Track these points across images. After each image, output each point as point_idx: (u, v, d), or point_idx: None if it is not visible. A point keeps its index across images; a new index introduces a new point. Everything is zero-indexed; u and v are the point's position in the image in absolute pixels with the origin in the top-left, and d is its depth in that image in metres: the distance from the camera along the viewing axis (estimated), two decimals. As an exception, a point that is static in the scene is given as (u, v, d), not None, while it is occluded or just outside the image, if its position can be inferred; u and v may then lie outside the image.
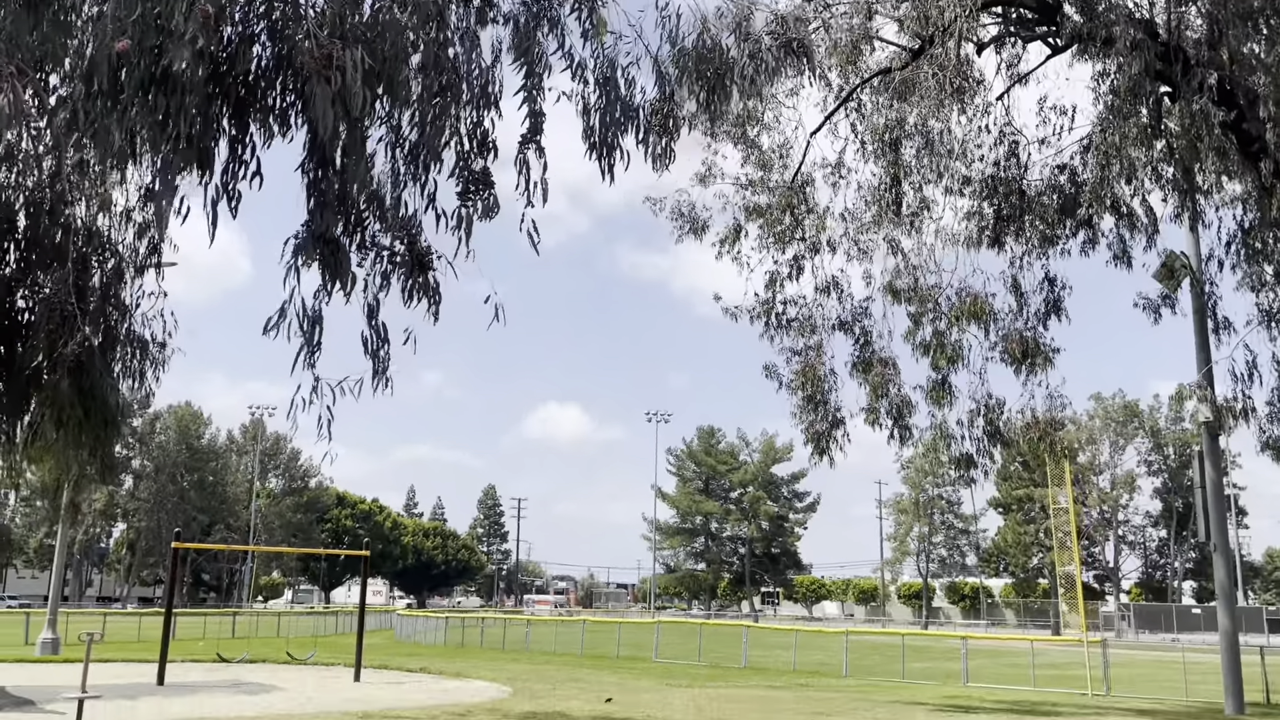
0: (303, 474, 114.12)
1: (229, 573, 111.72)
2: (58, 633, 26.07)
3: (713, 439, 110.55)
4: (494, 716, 13.69)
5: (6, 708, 14.06)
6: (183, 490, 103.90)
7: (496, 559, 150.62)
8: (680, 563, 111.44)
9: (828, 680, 24.07)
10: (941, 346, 15.95)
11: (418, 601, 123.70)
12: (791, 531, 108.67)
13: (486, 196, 4.33)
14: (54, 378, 4.99)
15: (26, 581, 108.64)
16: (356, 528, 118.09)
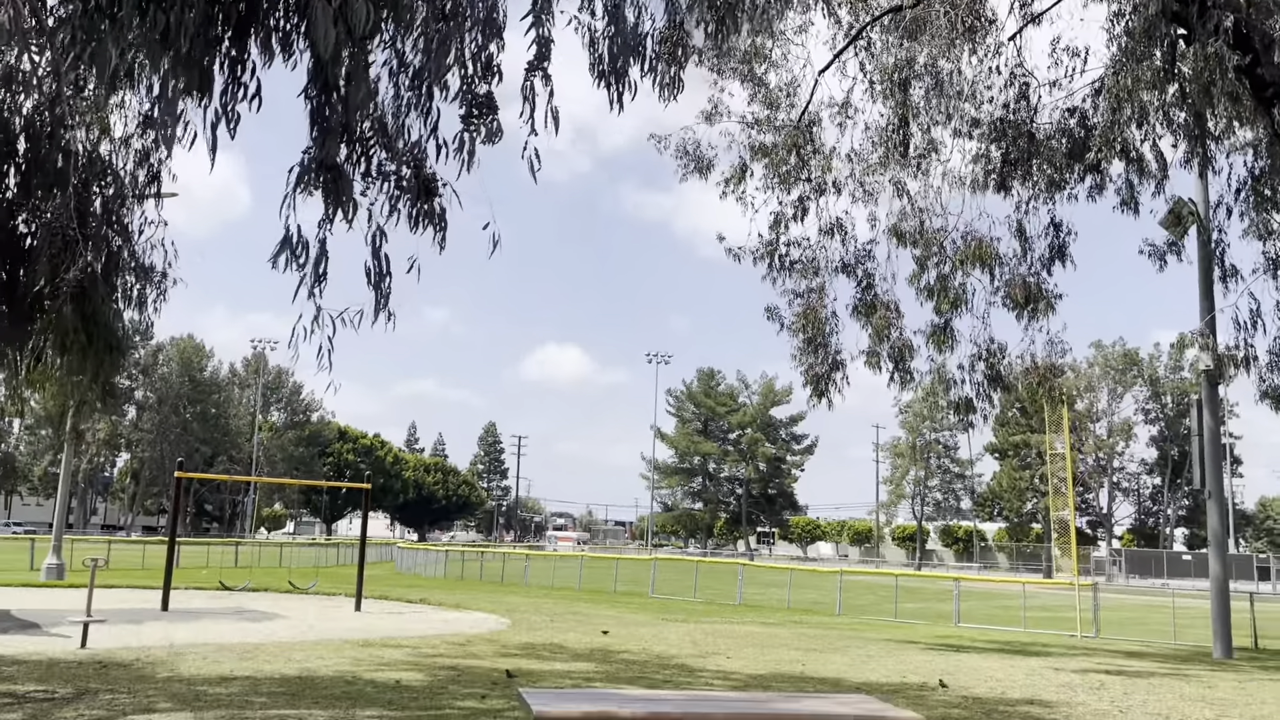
0: (305, 408, 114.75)
1: (232, 504, 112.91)
2: (62, 559, 26.41)
3: (712, 381, 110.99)
4: (493, 647, 13.92)
5: (12, 630, 14.30)
6: (185, 422, 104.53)
7: (496, 495, 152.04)
8: (678, 502, 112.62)
9: (821, 618, 24.44)
10: (945, 290, 15.91)
11: (418, 535, 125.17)
12: (788, 473, 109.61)
13: (490, 121, 4.28)
14: (56, 303, 4.99)
15: (31, 509, 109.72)
16: (358, 462, 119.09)
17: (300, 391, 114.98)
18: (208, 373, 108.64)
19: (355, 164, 4.31)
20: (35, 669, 10.35)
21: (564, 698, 4.84)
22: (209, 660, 11.44)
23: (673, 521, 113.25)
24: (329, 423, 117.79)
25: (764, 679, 11.82)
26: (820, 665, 13.52)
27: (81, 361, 5.39)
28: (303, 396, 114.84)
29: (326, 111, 3.99)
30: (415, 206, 4.34)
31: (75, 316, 4.98)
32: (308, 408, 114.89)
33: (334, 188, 4.05)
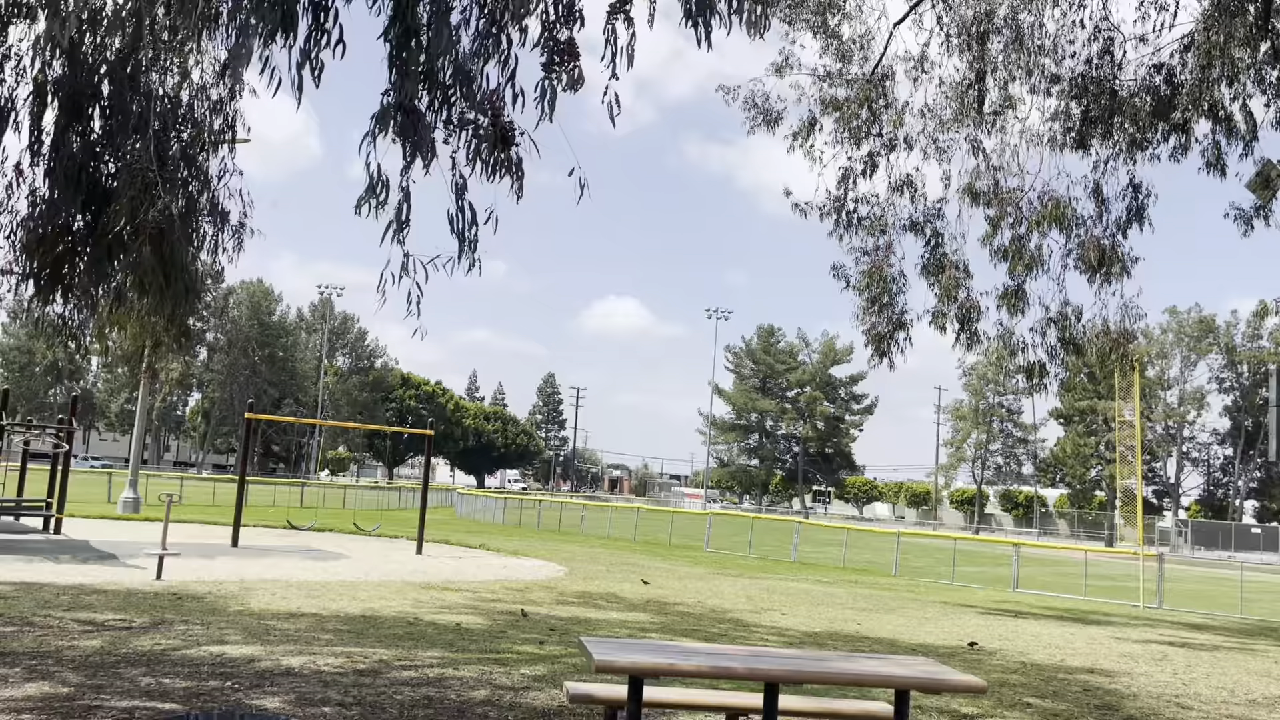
0: (369, 354, 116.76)
1: (298, 445, 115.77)
2: (138, 493, 27.34)
3: (772, 338, 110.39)
4: (550, 593, 14.14)
5: (91, 560, 14.87)
6: (254, 364, 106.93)
7: (554, 445, 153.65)
8: (734, 458, 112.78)
9: (877, 579, 24.39)
10: (1020, 252, 15.53)
11: (477, 482, 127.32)
12: (846, 433, 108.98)
13: (571, 68, 4.24)
14: (136, 243, 5.09)
15: (108, 444, 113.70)
16: (420, 408, 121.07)
17: (365, 338, 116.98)
18: (276, 317, 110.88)
19: (435, 110, 4.31)
20: (114, 598, 10.76)
21: (626, 648, 4.89)
22: (277, 596, 11.78)
23: (728, 477, 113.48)
24: (392, 369, 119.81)
25: (819, 636, 11.85)
26: (875, 625, 13.50)
27: (159, 302, 5.51)
28: (367, 343, 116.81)
29: (405, 55, 3.99)
30: (493, 154, 4.33)
31: (154, 258, 5.09)
32: (372, 354, 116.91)
33: (413, 131, 4.05)
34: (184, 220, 5.66)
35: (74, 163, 5.46)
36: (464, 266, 4.40)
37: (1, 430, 17.84)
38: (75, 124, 5.63)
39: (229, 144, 7.20)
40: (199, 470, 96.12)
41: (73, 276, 5.61)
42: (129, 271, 5.23)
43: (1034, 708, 7.98)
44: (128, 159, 5.50)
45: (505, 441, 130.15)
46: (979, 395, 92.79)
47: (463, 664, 8.11)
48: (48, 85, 5.64)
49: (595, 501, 62.29)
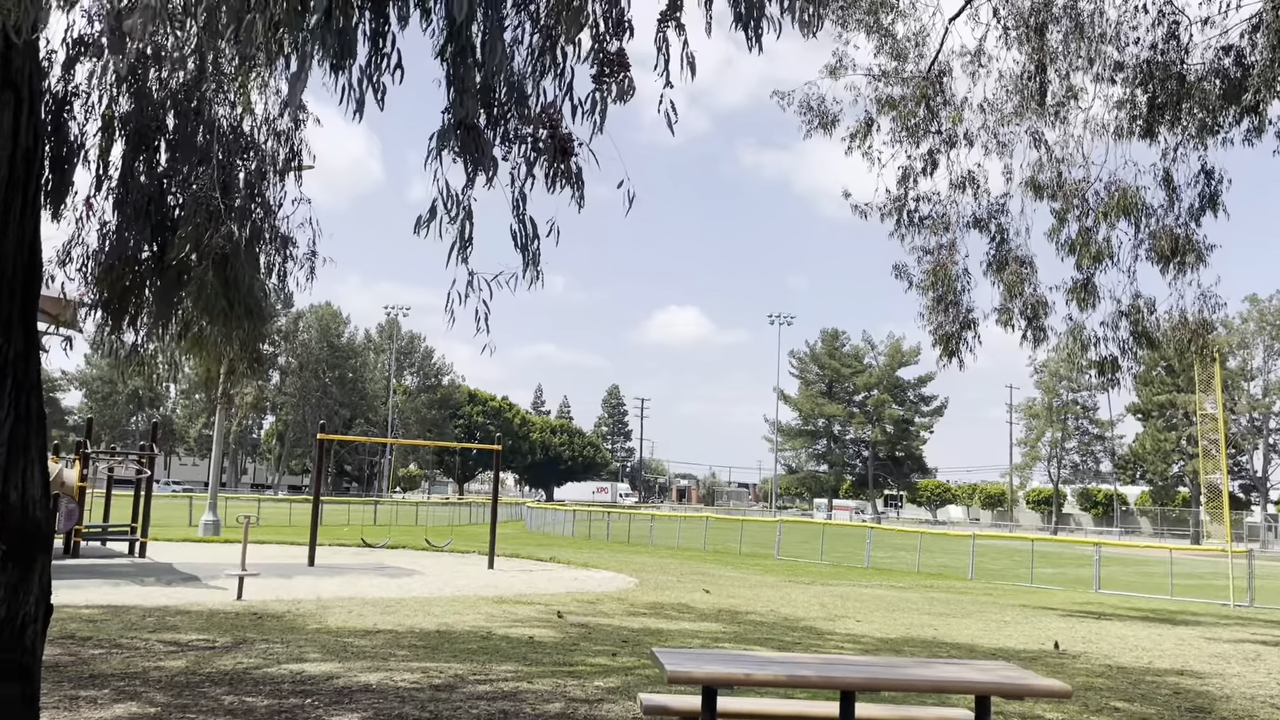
0: (436, 372, 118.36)
1: (369, 464, 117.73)
2: (218, 515, 28.02)
3: (836, 342, 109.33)
4: (622, 605, 14.13)
5: (175, 582, 15.25)
6: (325, 386, 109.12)
7: (620, 456, 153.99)
8: (802, 464, 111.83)
9: (952, 583, 23.95)
10: (1087, 245, 15.16)
11: (546, 495, 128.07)
12: (916, 435, 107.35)
13: (622, 79, 4.25)
14: (199, 270, 5.22)
15: (188, 469, 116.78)
16: (487, 423, 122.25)
17: (431, 356, 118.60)
18: (344, 339, 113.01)
19: (495, 126, 4.35)
20: (197, 619, 11.02)
21: (699, 658, 4.85)
22: (354, 614, 11.96)
23: (797, 483, 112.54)
24: (459, 386, 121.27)
25: (895, 643, 11.66)
26: (953, 630, 13.25)
27: (224, 327, 5.64)
28: (433, 361, 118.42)
29: (462, 72, 4.03)
30: (553, 167, 4.35)
31: (217, 283, 5.21)
32: (439, 371, 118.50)
33: (474, 147, 4.09)
34: (248, 247, 5.78)
35: (141, 194, 5.62)
36: (527, 280, 4.43)
37: (87, 458, 18.41)
38: (141, 157, 5.79)
39: (295, 172, 7.35)
40: (275, 492, 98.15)
41: (141, 305, 5.76)
42: (193, 298, 5.35)
43: (1122, 712, 7.75)
44: (192, 188, 5.64)
45: (572, 454, 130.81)
46: (1052, 393, 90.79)
47: (536, 677, 8.13)
48: (115, 120, 5.81)
49: (663, 512, 62.18)
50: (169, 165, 5.80)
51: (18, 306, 4.78)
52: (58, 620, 10.38)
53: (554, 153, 4.32)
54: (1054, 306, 16.66)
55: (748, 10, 4.31)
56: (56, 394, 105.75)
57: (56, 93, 5.79)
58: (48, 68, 5.98)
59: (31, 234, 5.00)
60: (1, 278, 4.70)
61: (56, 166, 5.69)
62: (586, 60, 4.30)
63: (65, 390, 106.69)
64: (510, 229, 4.70)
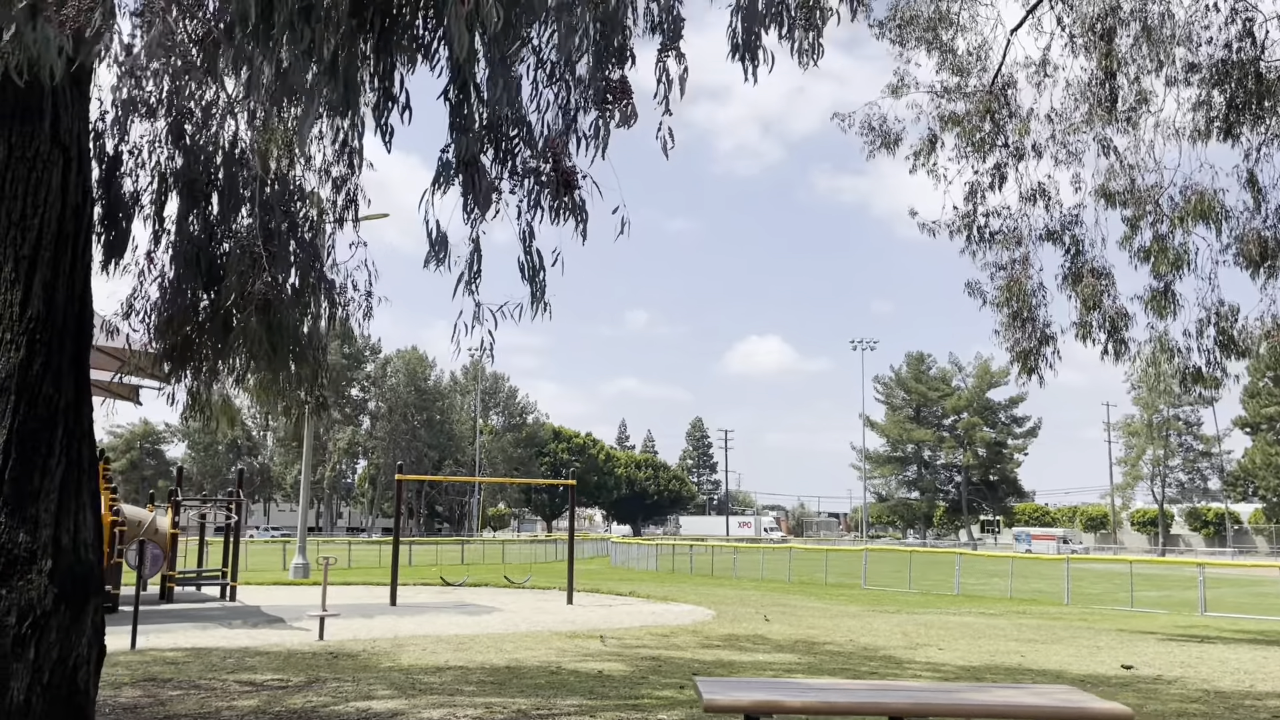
0: (520, 410, 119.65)
1: (459, 505, 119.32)
2: (307, 559, 28.64)
3: (922, 365, 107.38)
4: (696, 638, 13.98)
5: (261, 624, 15.60)
6: (414, 428, 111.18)
7: (706, 489, 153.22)
8: (892, 491, 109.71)
9: (1046, 608, 23.13)
10: (1164, 251, 14.65)
11: (633, 530, 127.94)
12: (1010, 458, 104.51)
13: (624, 105, 4.27)
14: (244, 315, 5.38)
15: (286, 514, 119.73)
16: (572, 460, 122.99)
17: (515, 395, 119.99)
18: (431, 381, 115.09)
19: (503, 161, 4.42)
20: (274, 659, 11.23)
21: (736, 686, 4.76)
22: (427, 651, 12.06)
23: (888, 512, 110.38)
24: (544, 424, 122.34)
25: (976, 670, 11.29)
26: (1041, 657, 12.77)
27: (271, 372, 5.79)
28: (518, 400, 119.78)
29: (464, 110, 4.10)
30: (557, 200, 4.39)
31: (260, 328, 5.36)
32: (523, 410, 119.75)
33: (474, 185, 4.15)
34: (295, 293, 5.93)
35: (194, 245, 5.83)
36: (534, 312, 4.48)
37: (178, 505, 19.04)
38: (194, 211, 6.01)
39: (353, 221, 7.54)
40: (369, 534, 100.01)
41: (197, 354, 5.95)
42: (238, 341, 5.50)
43: (1211, 739, 7.35)
44: (241, 237, 5.83)
45: (658, 488, 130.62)
46: (1151, 408, 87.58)
47: (600, 711, 8.07)
48: (167, 175, 6.05)
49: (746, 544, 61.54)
50: (219, 216, 6.01)
51: (68, 357, 4.98)
52: (141, 663, 10.70)
53: (557, 185, 4.35)
54: (1134, 317, 16.12)
55: (745, 42, 4.30)
56: (161, 446, 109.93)
57: (110, 152, 6.06)
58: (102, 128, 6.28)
59: (81, 287, 5.22)
60: (52, 329, 4.91)
61: (113, 221, 5.94)
62: (588, 89, 4.34)
63: (169, 442, 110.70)
64: (518, 260, 4.76)
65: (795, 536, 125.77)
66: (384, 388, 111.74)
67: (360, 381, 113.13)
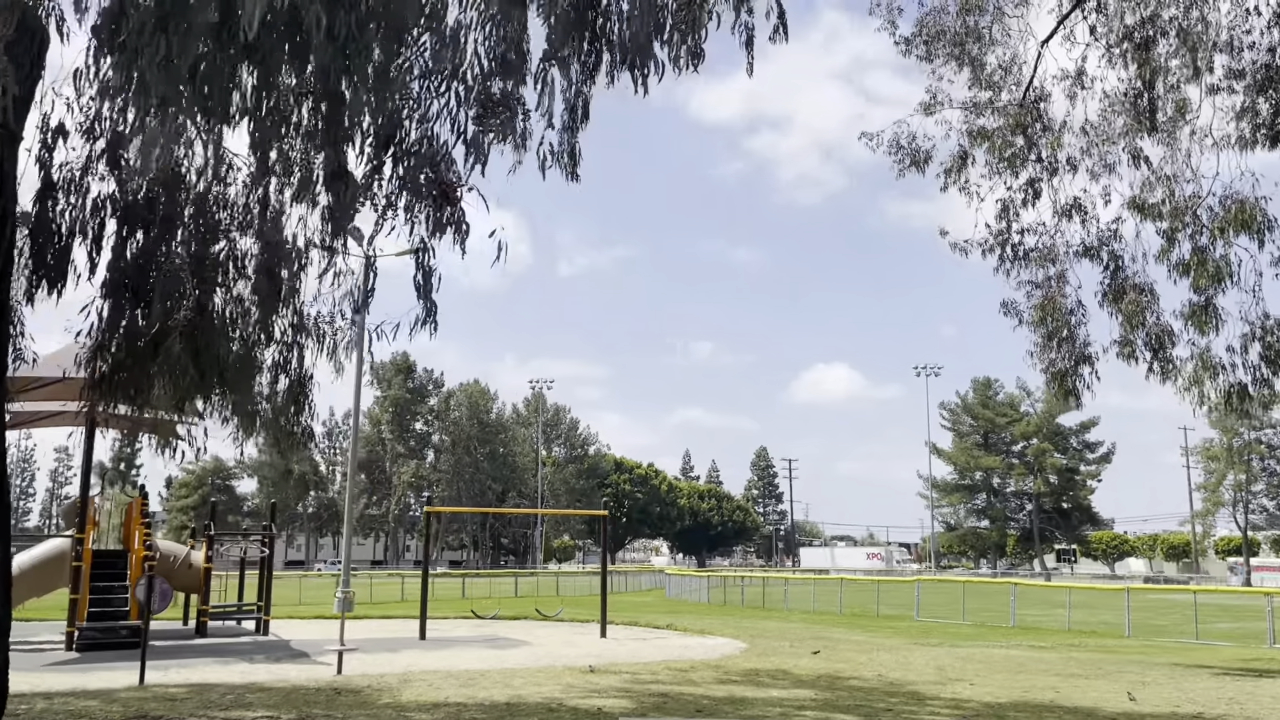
0: (581, 442, 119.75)
1: (523, 537, 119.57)
2: (350, 592, 28.68)
3: (989, 390, 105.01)
4: (716, 673, 13.55)
5: (284, 659, 15.55)
6: (477, 461, 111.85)
7: (773, 519, 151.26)
8: (961, 520, 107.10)
9: (1106, 641, 22.12)
10: (1202, 264, 13.96)
11: (698, 562, 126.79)
12: (1083, 484, 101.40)
13: (508, 117, 4.07)
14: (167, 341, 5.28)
15: (355, 548, 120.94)
16: (635, 491, 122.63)
17: (576, 427, 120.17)
18: (494, 415, 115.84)
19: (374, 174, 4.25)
20: (275, 695, 11.11)
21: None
22: (432, 687, 11.84)
23: (958, 541, 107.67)
24: (605, 455, 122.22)
25: (1001, 708, 10.70)
26: (1078, 693, 12.09)
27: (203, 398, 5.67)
28: (579, 432, 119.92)
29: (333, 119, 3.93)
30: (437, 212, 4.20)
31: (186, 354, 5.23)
32: (584, 441, 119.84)
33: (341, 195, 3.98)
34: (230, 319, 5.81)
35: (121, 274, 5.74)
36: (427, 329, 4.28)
37: (211, 540, 19.19)
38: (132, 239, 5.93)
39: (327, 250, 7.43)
40: (434, 567, 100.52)
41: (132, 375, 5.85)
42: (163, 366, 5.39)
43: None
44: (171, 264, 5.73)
45: (721, 519, 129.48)
46: (1231, 432, 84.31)
47: (578, 751, 7.75)
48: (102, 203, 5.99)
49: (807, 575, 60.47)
50: (154, 243, 5.92)
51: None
52: (139, 700, 10.66)
53: (439, 199, 4.16)
54: (1180, 335, 15.39)
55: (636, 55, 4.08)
56: (232, 482, 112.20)
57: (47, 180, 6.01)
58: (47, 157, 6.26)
59: (0, 315, 5.15)
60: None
61: (46, 251, 5.89)
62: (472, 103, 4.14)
63: (239, 478, 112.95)
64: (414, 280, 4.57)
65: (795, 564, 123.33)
66: (447, 421, 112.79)
67: (424, 415, 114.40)
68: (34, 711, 9.73)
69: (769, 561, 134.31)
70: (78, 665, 14.45)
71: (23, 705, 10.06)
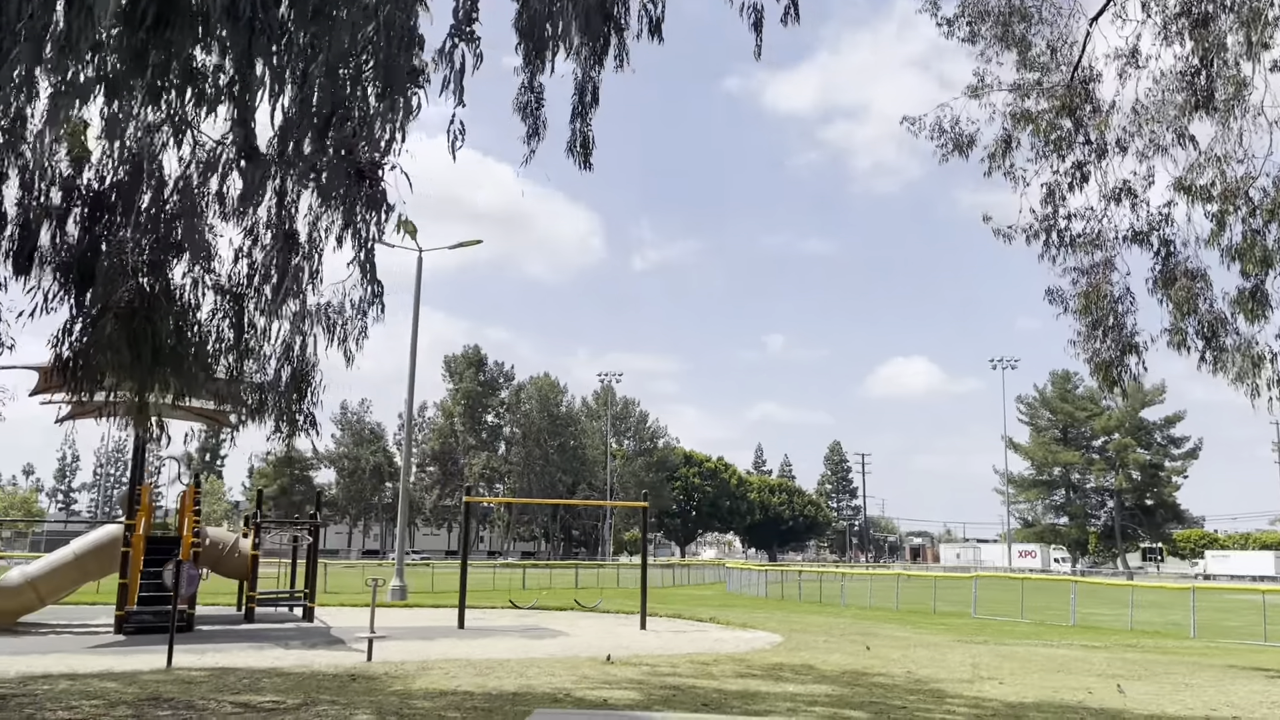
0: (650, 435, 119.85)
1: (593, 529, 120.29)
2: (404, 581, 29.13)
3: (1068, 384, 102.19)
4: (738, 667, 13.38)
5: (319, 645, 15.81)
6: (547, 454, 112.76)
7: (846, 515, 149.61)
8: (1038, 517, 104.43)
9: (1166, 642, 21.30)
10: (1250, 247, 13.30)
11: (769, 556, 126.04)
12: (1168, 481, 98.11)
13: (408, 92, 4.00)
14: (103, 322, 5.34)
15: (429, 538, 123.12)
16: (704, 485, 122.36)
17: (646, 420, 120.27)
18: (564, 408, 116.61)
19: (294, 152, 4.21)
20: (290, 680, 11.28)
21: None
22: (447, 675, 11.91)
23: (1034, 538, 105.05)
24: (674, 448, 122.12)
25: (1021, 708, 10.34)
26: (1110, 695, 11.65)
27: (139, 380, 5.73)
28: (648, 425, 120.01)
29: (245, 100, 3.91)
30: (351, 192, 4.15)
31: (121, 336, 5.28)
32: (653, 435, 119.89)
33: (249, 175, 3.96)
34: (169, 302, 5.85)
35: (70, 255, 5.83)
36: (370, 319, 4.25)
37: (259, 528, 19.62)
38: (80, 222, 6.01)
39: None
40: (504, 557, 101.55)
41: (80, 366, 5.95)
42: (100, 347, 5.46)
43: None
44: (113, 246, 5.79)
45: (792, 513, 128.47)
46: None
47: (561, 742, 7.69)
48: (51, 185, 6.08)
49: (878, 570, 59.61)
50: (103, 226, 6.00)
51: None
52: (157, 682, 10.91)
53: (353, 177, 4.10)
54: (1235, 323, 14.71)
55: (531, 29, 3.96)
56: (310, 472, 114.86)
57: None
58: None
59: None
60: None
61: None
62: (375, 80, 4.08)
63: (317, 469, 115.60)
64: (359, 260, 4.52)
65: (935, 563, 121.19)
66: (518, 414, 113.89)
67: (494, 408, 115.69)
68: (55, 691, 10.03)
69: (842, 557, 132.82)
70: (118, 648, 14.88)
71: (45, 685, 10.39)
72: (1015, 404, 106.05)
